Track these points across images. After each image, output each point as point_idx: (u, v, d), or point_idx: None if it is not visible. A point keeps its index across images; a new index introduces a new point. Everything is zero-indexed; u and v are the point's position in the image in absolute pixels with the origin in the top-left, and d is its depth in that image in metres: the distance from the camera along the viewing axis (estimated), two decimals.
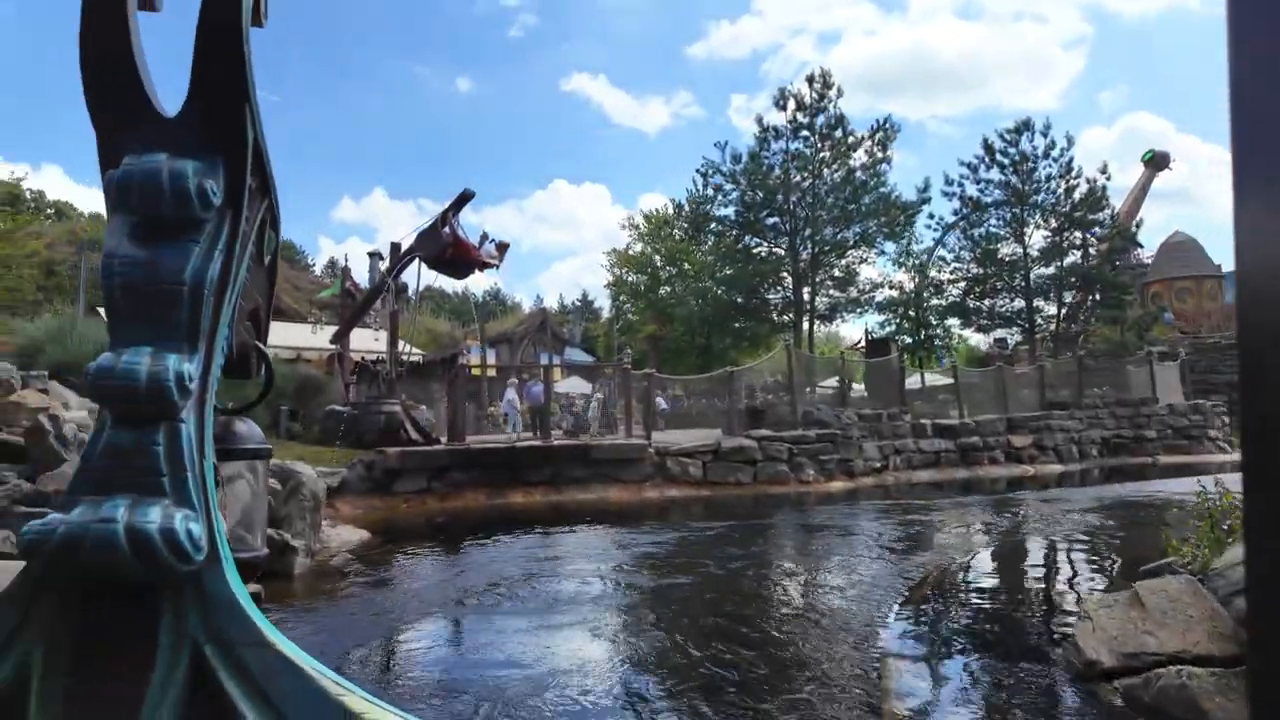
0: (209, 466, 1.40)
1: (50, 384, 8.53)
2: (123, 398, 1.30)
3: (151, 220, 1.39)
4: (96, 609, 1.28)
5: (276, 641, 1.33)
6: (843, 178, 25.96)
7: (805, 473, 14.32)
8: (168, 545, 1.23)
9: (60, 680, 1.26)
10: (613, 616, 5.88)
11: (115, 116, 1.46)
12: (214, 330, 1.43)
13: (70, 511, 1.25)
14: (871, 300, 28.31)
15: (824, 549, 8.62)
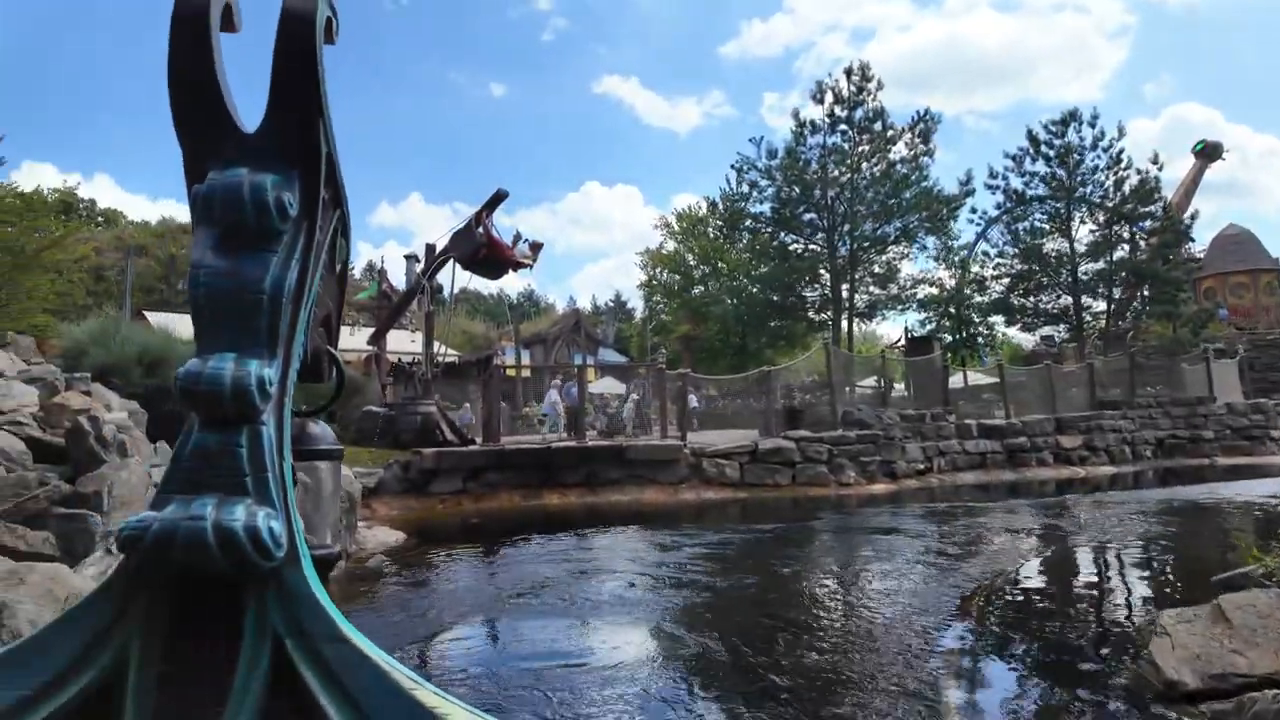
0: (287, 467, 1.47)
1: (94, 386, 8.65)
2: (209, 402, 1.36)
3: (233, 232, 1.46)
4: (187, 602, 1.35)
5: (352, 636, 1.38)
6: (883, 172, 25.37)
7: (845, 474, 13.99)
8: (251, 542, 1.30)
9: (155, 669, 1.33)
10: (653, 622, 5.72)
11: (200, 134, 1.53)
12: (291, 336, 1.49)
13: (163, 509, 1.32)
14: (913, 297, 27.54)
15: (868, 554, 8.34)
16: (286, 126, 1.52)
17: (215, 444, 1.36)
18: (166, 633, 1.33)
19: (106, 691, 1.32)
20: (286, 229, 1.49)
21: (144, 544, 1.28)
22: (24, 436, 6.38)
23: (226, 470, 1.36)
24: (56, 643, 1.35)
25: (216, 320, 1.42)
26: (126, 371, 9.24)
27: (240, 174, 1.44)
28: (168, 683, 1.31)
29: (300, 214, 1.51)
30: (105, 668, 1.32)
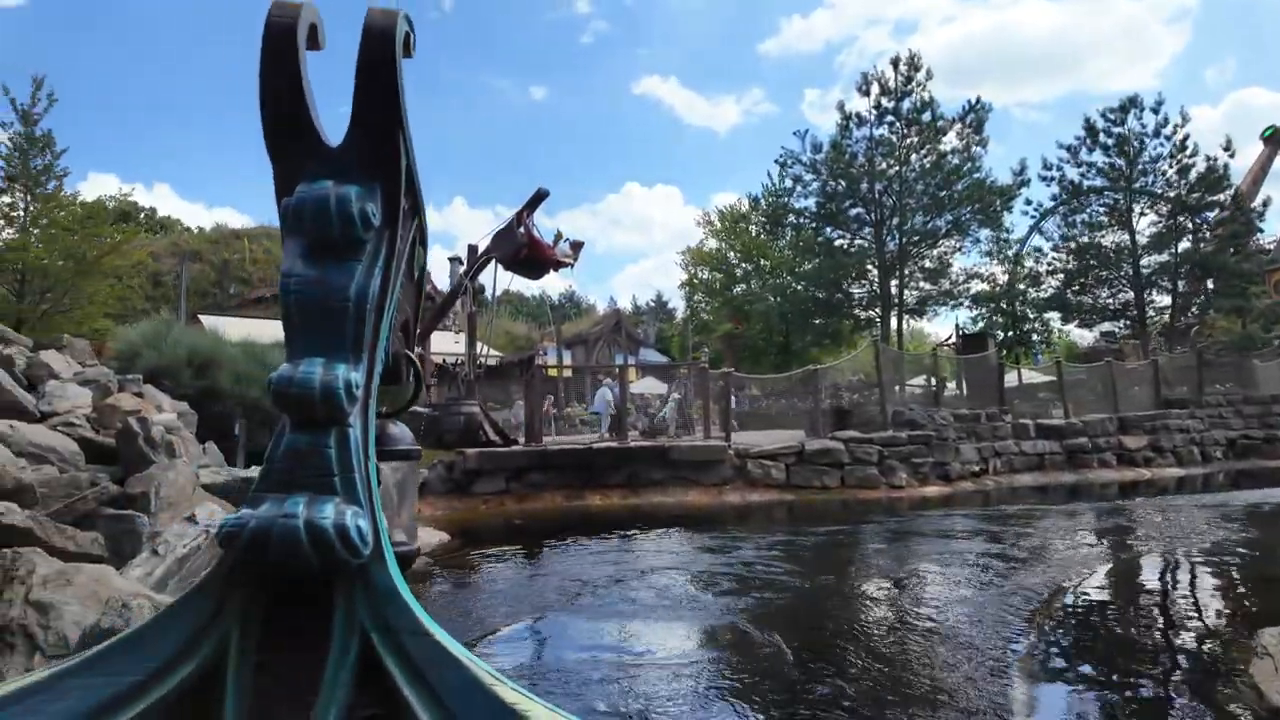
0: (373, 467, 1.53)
1: (145, 387, 8.81)
2: (299, 405, 1.44)
3: (320, 242, 1.53)
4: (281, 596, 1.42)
5: (434, 631, 1.44)
6: (933, 163, 24.55)
7: (897, 476, 13.55)
8: (340, 540, 1.36)
9: (252, 659, 1.40)
10: (702, 629, 5.52)
11: (288, 150, 1.60)
12: (375, 342, 1.55)
13: (258, 507, 1.40)
14: (966, 293, 26.54)
15: (923, 561, 7.99)
16: (369, 140, 1.59)
17: (306, 445, 1.44)
18: (262, 625, 1.42)
19: (210, 679, 1.40)
20: (369, 239, 1.56)
21: (241, 541, 1.36)
22: (77, 437, 6.48)
23: (316, 470, 1.44)
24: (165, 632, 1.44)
25: (306, 327, 1.50)
26: (177, 373, 9.41)
27: (326, 187, 1.52)
28: (264, 673, 1.40)
29: (382, 224, 1.59)
30: (208, 656, 1.40)
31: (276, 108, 1.60)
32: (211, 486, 7.02)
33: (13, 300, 18.72)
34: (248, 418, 10.04)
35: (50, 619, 3.95)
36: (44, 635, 3.88)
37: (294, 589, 1.43)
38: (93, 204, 20.32)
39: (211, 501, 6.22)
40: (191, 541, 5.45)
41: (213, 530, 5.76)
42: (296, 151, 1.61)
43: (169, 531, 5.42)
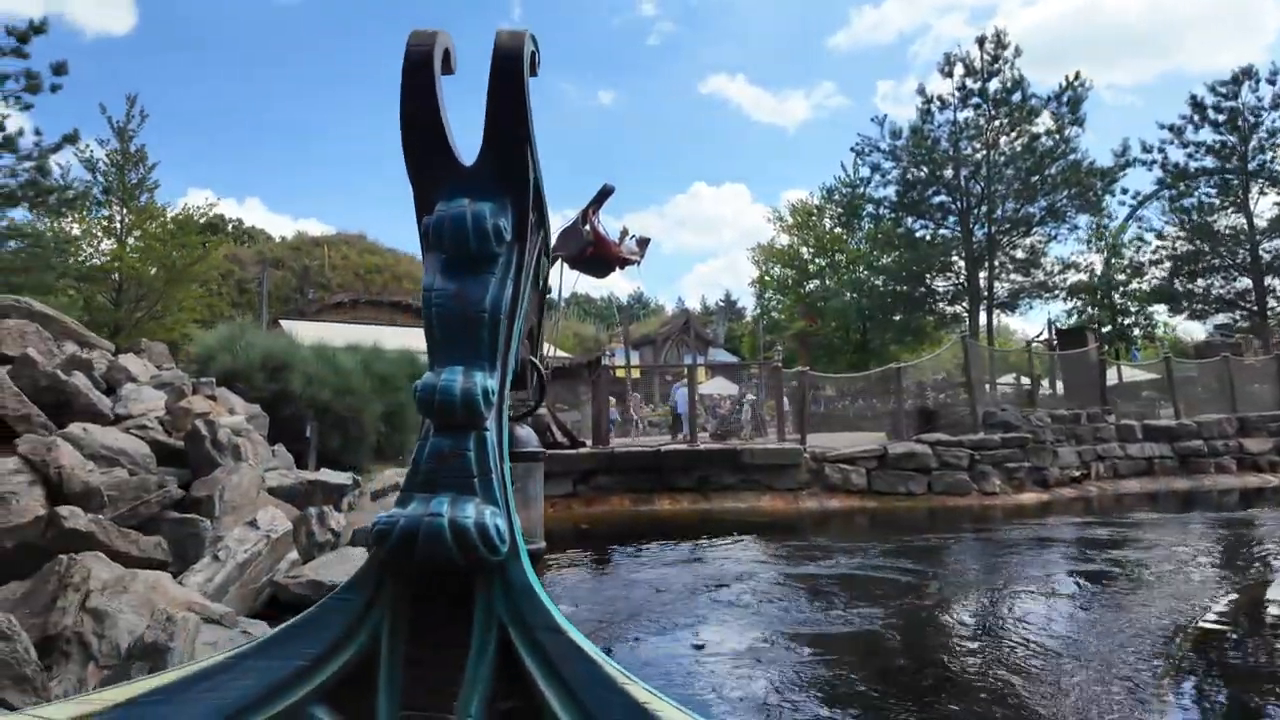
0: (508, 469, 1.60)
1: (219, 390, 8.96)
2: (442, 410, 1.52)
3: (458, 257, 1.63)
4: (428, 590, 1.53)
5: (567, 629, 1.51)
6: (1024, 146, 22.97)
7: (989, 482, 12.67)
8: (481, 538, 1.45)
9: (401, 648, 1.51)
10: (784, 650, 5.09)
11: (427, 170, 1.71)
12: (507, 349, 1.64)
13: (406, 506, 1.50)
14: (1065, 282, 24.65)
15: (1024, 579, 7.29)
16: (500, 157, 1.68)
17: (448, 448, 1.53)
18: (410, 616, 1.53)
19: (365, 666, 1.52)
20: (502, 252, 1.65)
21: (392, 538, 1.46)
22: (149, 440, 6.55)
23: (457, 472, 1.52)
24: (327, 620, 1.56)
25: (446, 337, 1.60)
26: (250, 376, 9.56)
27: (463, 204, 1.62)
28: (413, 662, 1.50)
29: (513, 237, 1.67)
30: (363, 644, 1.53)
31: (415, 131, 1.69)
32: (277, 489, 7.01)
33: (110, 308, 19.78)
34: (319, 420, 10.13)
35: (105, 627, 3.85)
36: (98, 644, 3.79)
37: (438, 584, 1.54)
38: (184, 217, 21.33)
39: (274, 505, 6.17)
40: (252, 547, 5.37)
41: (274, 535, 5.69)
42: (434, 172, 1.71)
43: (230, 536, 5.36)
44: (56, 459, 5.19)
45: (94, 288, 19.77)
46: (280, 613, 5.30)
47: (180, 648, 3.34)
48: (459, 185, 1.69)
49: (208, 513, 5.68)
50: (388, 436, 11.51)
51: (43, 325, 8.07)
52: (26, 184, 15.51)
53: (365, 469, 11.05)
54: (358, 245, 40.00)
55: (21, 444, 5.41)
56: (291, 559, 5.66)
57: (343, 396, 10.29)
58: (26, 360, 6.42)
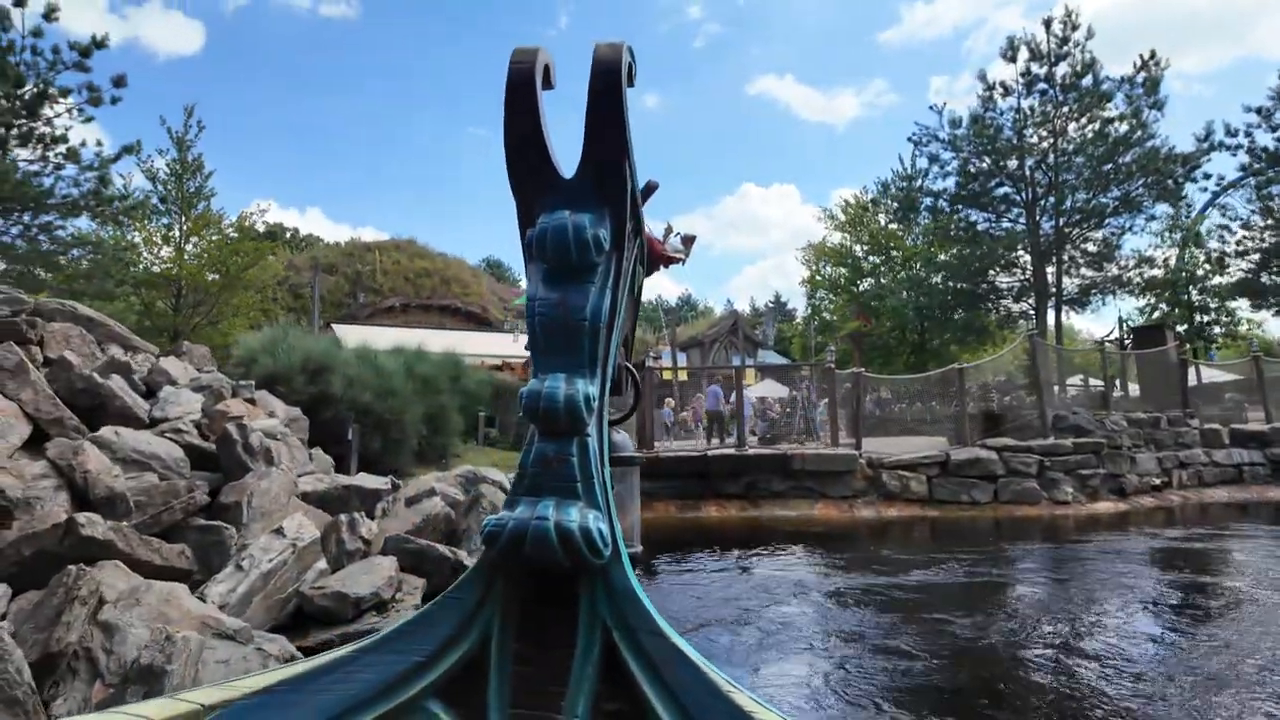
0: (608, 474, 1.70)
1: (259, 393, 8.93)
2: (546, 417, 1.64)
3: (560, 267, 1.73)
4: (534, 590, 1.66)
5: (670, 634, 1.59)
6: (1096, 132, 21.46)
7: (1060, 491, 11.88)
8: (585, 542, 1.56)
9: (510, 647, 1.64)
10: (841, 679, 4.64)
11: (530, 184, 1.81)
12: (606, 356, 1.75)
13: (514, 510, 1.63)
14: (1142, 277, 22.99)
15: (1105, 601, 6.66)
16: (599, 169, 1.74)
17: (552, 453, 1.62)
18: (519, 616, 1.63)
19: (476, 662, 1.64)
20: (601, 261, 1.70)
21: (501, 540, 1.57)
22: (183, 444, 6.46)
23: (561, 476, 1.61)
24: (439, 619, 1.66)
25: (550, 345, 1.67)
26: (291, 379, 9.51)
27: (564, 216, 1.69)
28: (521, 661, 1.61)
29: (611, 246, 1.72)
30: (474, 642, 1.64)
31: (518, 146, 1.74)
32: (311, 495, 6.86)
33: (170, 313, 20.33)
34: (360, 423, 10.04)
35: (114, 642, 3.66)
36: (106, 660, 3.60)
37: (544, 586, 1.60)
38: (246, 225, 21.86)
39: (303, 513, 6.00)
40: (277, 556, 5.17)
41: (300, 543, 5.50)
42: (536, 185, 1.76)
43: (255, 545, 5.17)
44: (83, 463, 5.09)
45: (154, 294, 20.35)
46: (305, 625, 5.11)
47: (179, 670, 3.12)
48: (560, 197, 1.73)
49: (235, 519, 5.53)
50: (429, 439, 11.39)
51: (87, 329, 8.12)
52: (89, 193, 15.99)
53: (406, 472, 10.94)
54: (408, 250, 40.54)
55: (50, 448, 5.34)
56: (319, 568, 5.45)
57: (384, 399, 10.19)
58: (63, 363, 6.41)
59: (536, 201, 1.77)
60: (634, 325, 2.35)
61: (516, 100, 1.73)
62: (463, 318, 36.83)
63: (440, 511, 6.89)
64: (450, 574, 6.12)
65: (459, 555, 6.12)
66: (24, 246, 16.54)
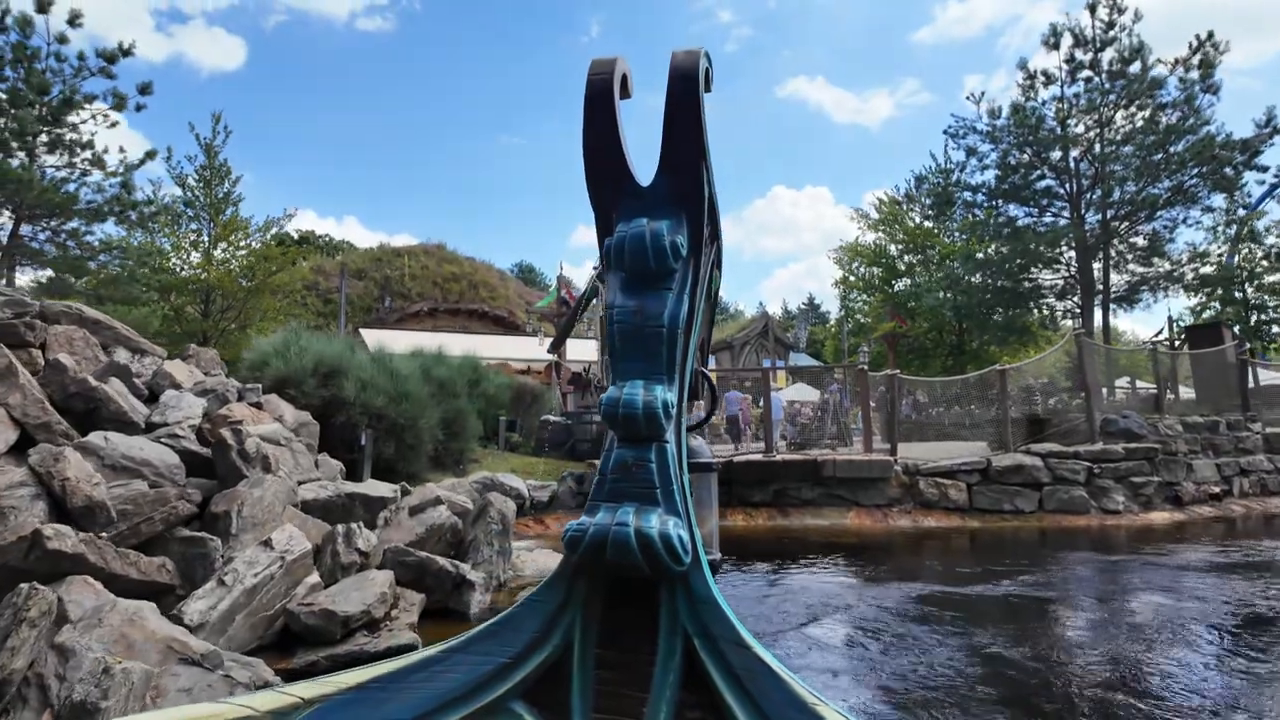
0: (687, 480, 1.75)
1: (268, 397, 8.72)
2: (625, 424, 1.70)
3: (637, 274, 1.79)
4: (615, 595, 1.70)
5: (753, 644, 1.61)
6: (1145, 120, 20.38)
7: (1111, 499, 11.18)
8: (665, 548, 1.59)
9: (592, 650, 1.68)
10: (878, 713, 4.18)
11: (608, 193, 1.90)
12: (684, 362, 1.80)
13: (594, 515, 1.68)
14: (1196, 272, 21.56)
15: (1164, 623, 6.06)
16: (677, 176, 1.84)
17: (631, 459, 1.72)
18: (600, 621, 1.71)
19: (559, 665, 1.71)
20: (678, 268, 1.80)
21: (582, 545, 1.65)
22: (180, 449, 6.22)
23: (641, 482, 1.69)
24: (523, 621, 1.76)
25: (628, 352, 1.78)
26: (302, 382, 9.29)
27: (641, 224, 1.79)
28: (603, 665, 1.67)
29: (688, 253, 1.83)
30: (558, 645, 1.72)
31: (597, 155, 1.84)
32: (313, 503, 6.58)
33: (199, 318, 20.48)
34: (374, 428, 9.79)
35: (68, 668, 3.36)
36: (58, 688, 3.29)
37: (624, 591, 1.68)
38: (279, 233, 21.97)
39: (300, 523, 5.71)
40: (264, 570, 4.88)
41: (290, 556, 5.20)
42: (614, 194, 1.86)
43: (240, 559, 4.88)
44: (62, 471, 4.85)
45: (183, 299, 20.50)
46: (292, 644, 4.80)
47: (116, 706, 2.79)
48: (637, 205, 1.76)
49: (225, 530, 5.25)
50: (445, 445, 11.11)
51: (93, 331, 7.98)
52: (111, 199, 16.11)
53: (422, 478, 10.67)
54: (436, 255, 40.67)
55: (33, 454, 5.12)
56: (311, 583, 5.16)
57: (398, 403, 9.93)
58: (57, 366, 6.22)
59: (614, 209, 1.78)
60: (709, 329, 2.34)
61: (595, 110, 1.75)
62: (490, 322, 36.79)
63: (446, 521, 6.56)
64: (452, 588, 5.78)
65: (462, 569, 5.78)
66: (54, 252, 16.79)
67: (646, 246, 1.70)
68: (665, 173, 1.79)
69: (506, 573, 6.94)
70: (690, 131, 1.73)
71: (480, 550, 6.59)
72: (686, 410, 2.03)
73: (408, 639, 4.66)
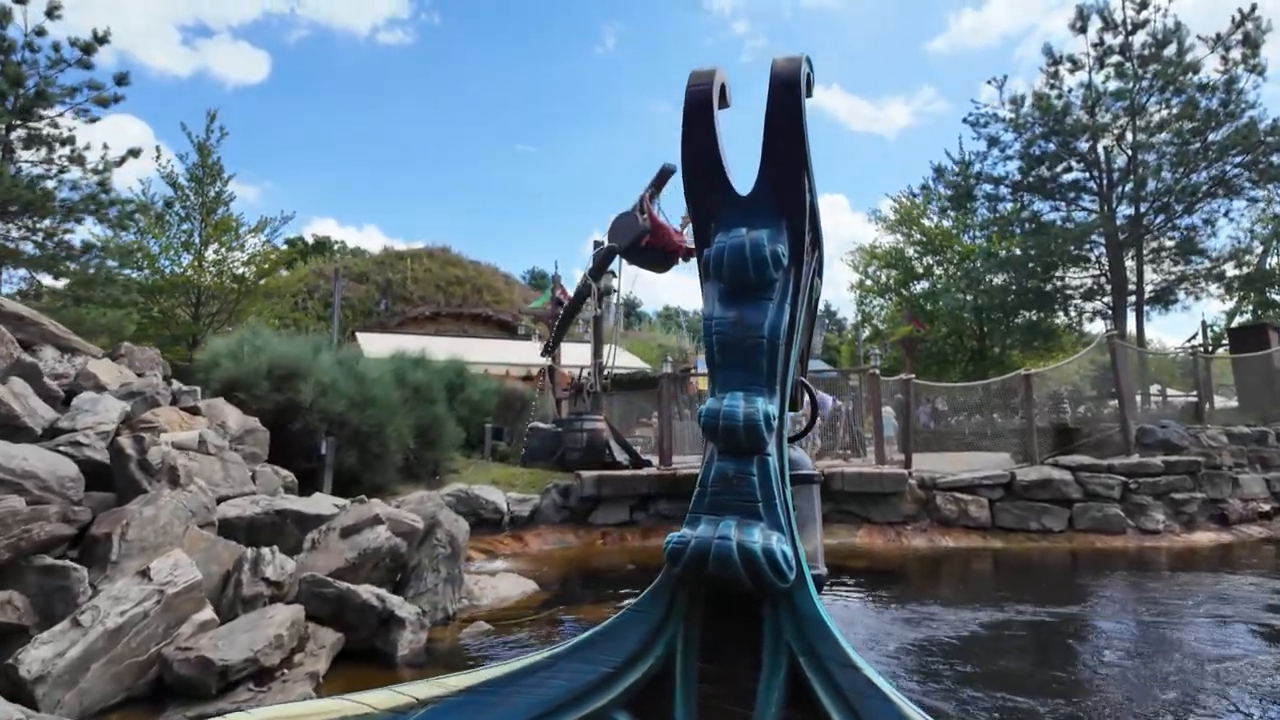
0: (789, 494, 1.83)
1: (213, 401, 8.00)
2: (726, 436, 1.78)
3: (737, 285, 1.85)
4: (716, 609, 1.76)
5: (863, 666, 1.61)
6: (1183, 105, 18.95)
7: (1150, 518, 10.21)
8: (769, 564, 1.66)
9: (695, 664, 1.73)
10: None
11: (708, 204, 1.96)
12: (785, 373, 1.87)
13: (695, 528, 1.77)
14: (1240, 270, 19.78)
15: (1221, 676, 5.13)
16: (778, 183, 1.89)
17: (732, 471, 1.80)
18: (701, 634, 1.78)
19: (662, 677, 1.75)
20: (779, 277, 1.86)
21: (685, 557, 1.74)
22: (81, 459, 5.47)
23: (742, 496, 1.77)
24: (626, 632, 1.84)
25: (727, 364, 1.85)
26: (254, 385, 8.57)
27: (741, 234, 1.84)
28: (706, 678, 1.71)
29: (789, 261, 1.89)
30: (660, 657, 1.79)
31: (696, 166, 1.93)
32: (235, 522, 5.83)
33: (189, 321, 19.95)
34: (335, 435, 9.04)
35: None
36: None
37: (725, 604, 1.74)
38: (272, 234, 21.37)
39: (204, 546, 4.95)
40: (134, 607, 4.08)
41: (171, 590, 4.43)
42: (714, 204, 1.94)
43: (106, 593, 4.11)
44: None
45: (171, 300, 20.00)
46: (166, 697, 4.02)
47: None
48: (737, 215, 1.87)
49: (104, 556, 4.50)
50: (419, 454, 10.35)
51: (15, 328, 7.31)
52: (86, 197, 15.57)
53: (391, 491, 9.91)
54: (441, 258, 40.13)
55: None
56: (201, 620, 4.38)
57: (362, 408, 9.18)
58: None
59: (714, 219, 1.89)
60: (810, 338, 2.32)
61: (695, 122, 1.86)
62: (495, 326, 36.10)
63: (384, 545, 5.77)
64: (378, 626, 4.97)
65: (389, 603, 4.97)
66: (32, 251, 16.31)
67: (746, 257, 1.74)
68: (766, 180, 1.81)
69: (456, 603, 6.13)
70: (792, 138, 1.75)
71: (423, 578, 5.79)
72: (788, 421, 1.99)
73: (300, 694, 3.87)
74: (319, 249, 52.78)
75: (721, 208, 1.84)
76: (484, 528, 9.87)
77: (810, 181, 1.83)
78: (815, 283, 2.13)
